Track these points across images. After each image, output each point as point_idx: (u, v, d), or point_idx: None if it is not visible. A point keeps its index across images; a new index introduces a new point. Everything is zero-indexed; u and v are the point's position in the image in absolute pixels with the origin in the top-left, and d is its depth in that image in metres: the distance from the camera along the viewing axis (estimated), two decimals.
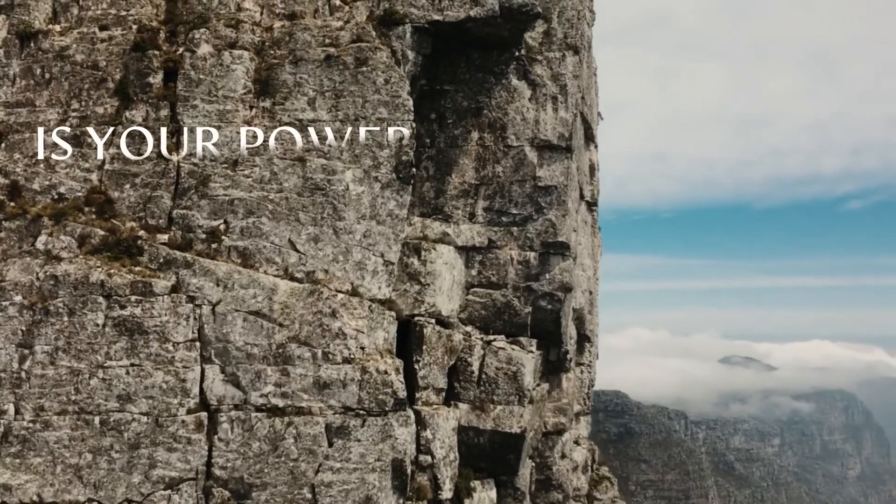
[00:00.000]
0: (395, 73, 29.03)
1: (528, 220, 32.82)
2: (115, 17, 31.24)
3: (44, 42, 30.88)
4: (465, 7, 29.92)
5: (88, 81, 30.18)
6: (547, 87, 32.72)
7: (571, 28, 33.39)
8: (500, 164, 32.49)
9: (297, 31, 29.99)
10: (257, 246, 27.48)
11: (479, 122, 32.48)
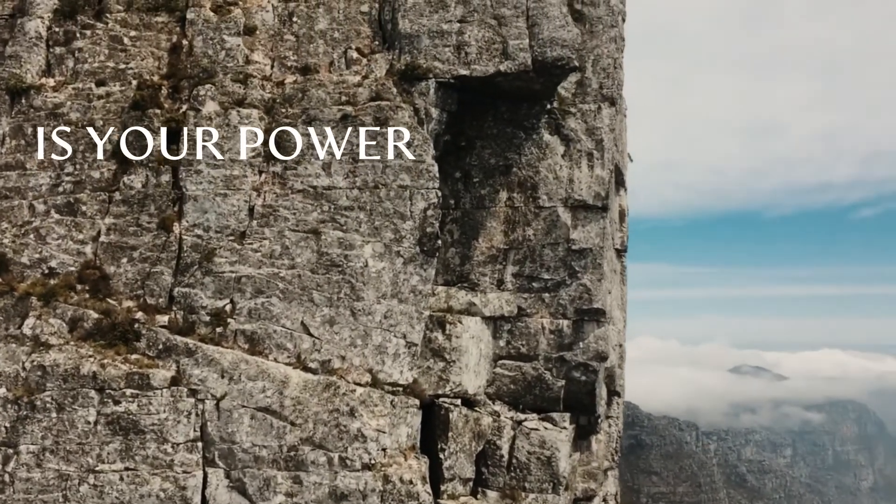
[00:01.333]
0: (418, 134, 26.10)
1: (561, 286, 29.81)
2: (114, 71, 28.45)
3: (36, 98, 28.11)
4: (493, 61, 26.98)
5: (84, 143, 27.37)
6: (581, 143, 29.74)
7: (607, 78, 30.41)
8: (530, 226, 29.50)
9: (310, 88, 27.12)
10: (267, 330, 24.55)
11: (507, 181, 29.51)
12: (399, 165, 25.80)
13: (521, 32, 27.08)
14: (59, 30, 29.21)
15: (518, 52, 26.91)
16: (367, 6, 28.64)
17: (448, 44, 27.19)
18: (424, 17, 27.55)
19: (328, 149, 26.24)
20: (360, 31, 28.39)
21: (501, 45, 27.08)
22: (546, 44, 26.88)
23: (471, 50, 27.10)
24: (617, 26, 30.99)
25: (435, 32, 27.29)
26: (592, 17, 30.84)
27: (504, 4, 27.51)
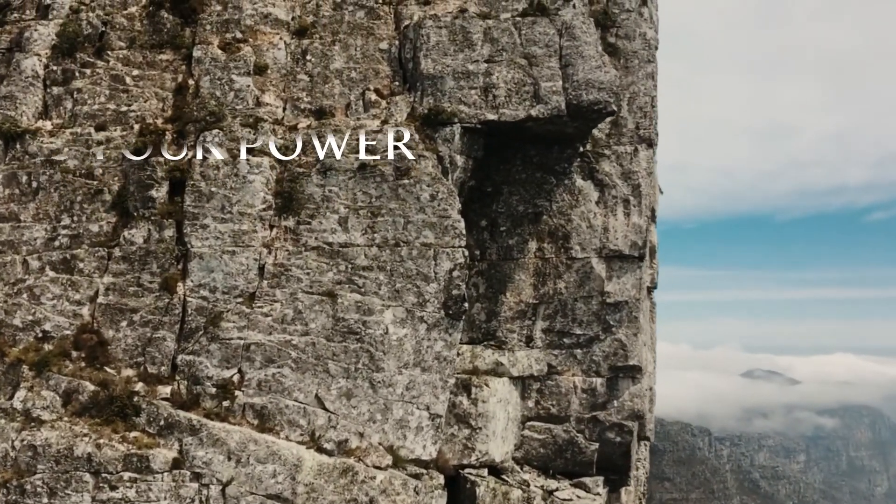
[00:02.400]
0: (442, 186, 23.77)
1: (594, 342, 27.47)
2: (115, 114, 26.25)
3: (31, 144, 25.94)
4: (524, 105, 24.63)
5: (82, 193, 25.18)
6: (617, 189, 27.36)
7: (644, 117, 28.03)
8: (562, 278, 27.15)
9: (326, 133, 24.84)
10: (278, 404, 22.27)
11: (537, 230, 27.16)
12: (422, 221, 23.47)
13: (554, 73, 24.72)
14: (57, 68, 27.05)
15: (551, 96, 24.54)
16: (386, 43, 26.36)
17: (474, 86, 24.86)
18: (448, 56, 25.23)
19: (345, 202, 23.94)
20: (379, 70, 26.11)
21: (532, 87, 24.73)
22: (581, 86, 24.51)
23: (499, 92, 24.76)
24: (654, 61, 28.62)
25: (460, 73, 24.96)
26: (627, 51, 28.51)
27: (535, 43, 25.16)
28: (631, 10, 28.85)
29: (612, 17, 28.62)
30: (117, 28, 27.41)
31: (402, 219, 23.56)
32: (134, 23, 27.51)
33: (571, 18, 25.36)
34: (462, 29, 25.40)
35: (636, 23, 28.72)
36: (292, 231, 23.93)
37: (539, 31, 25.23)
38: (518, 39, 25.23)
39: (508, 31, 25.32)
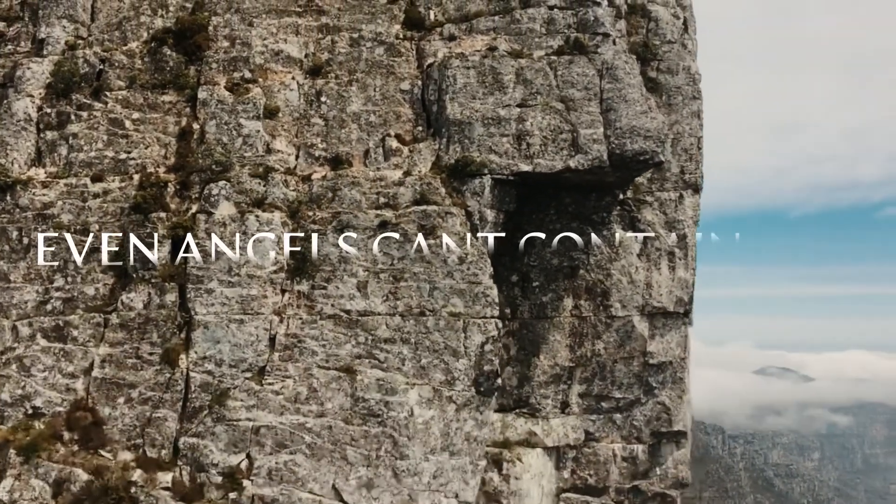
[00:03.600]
0: (472, 248, 21.23)
1: (635, 405, 24.90)
2: (113, 162, 23.83)
3: (22, 196, 23.56)
4: (561, 155, 22.03)
5: (77, 251, 22.80)
6: (661, 240, 24.72)
7: (689, 161, 25.38)
8: (600, 338, 24.56)
9: (342, 186, 22.33)
10: (290, 497, 19.81)
11: (573, 286, 24.57)
12: (449, 287, 20.94)
13: (595, 119, 22.10)
14: (52, 111, 24.67)
15: (591, 144, 21.92)
16: (407, 83, 23.79)
17: (506, 133, 22.28)
18: (477, 100, 22.65)
19: (364, 263, 21.44)
20: (400, 113, 23.56)
21: (570, 134, 22.12)
22: (625, 134, 21.87)
23: (533, 140, 22.16)
24: (699, 98, 25.94)
25: (490, 119, 22.38)
26: (670, 86, 25.85)
27: (572, 84, 22.54)
28: (673, 41, 26.19)
29: (653, 49, 25.97)
30: (116, 66, 24.99)
31: (428, 284, 21.03)
32: (134, 60, 25.08)
33: (613, 57, 22.73)
34: (492, 69, 22.80)
35: (679, 55, 26.06)
36: (306, 296, 21.46)
37: (577, 72, 22.61)
38: (554, 81, 22.62)
39: (543, 72, 22.72)
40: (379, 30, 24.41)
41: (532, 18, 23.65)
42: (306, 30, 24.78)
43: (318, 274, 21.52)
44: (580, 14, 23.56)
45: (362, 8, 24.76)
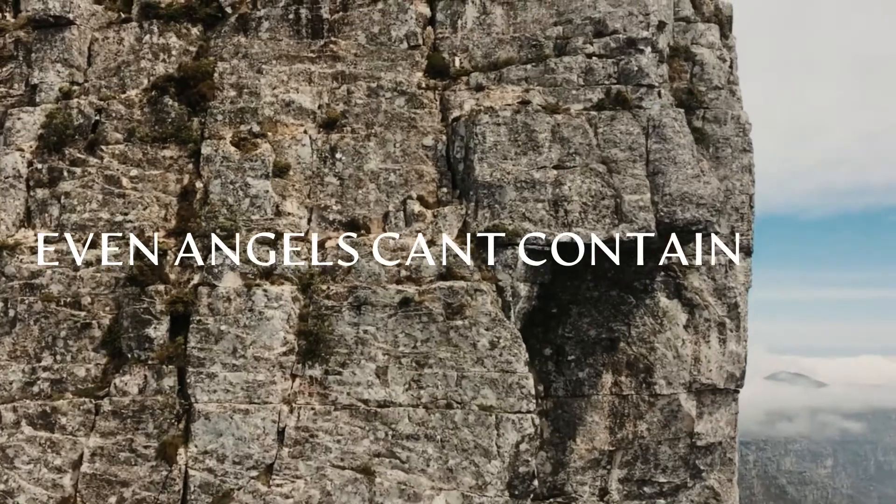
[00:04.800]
0: (504, 331, 18.77)
1: (681, 490, 22.34)
2: (108, 224, 21.50)
3: (9, 263, 21.25)
4: (603, 223, 19.55)
5: (66, 326, 20.47)
6: (710, 309, 22.16)
7: (741, 220, 22.81)
8: (643, 419, 22.02)
9: (360, 257, 19.93)
10: None
11: (612, 361, 22.04)
12: (480, 376, 18.48)
13: (640, 184, 19.61)
14: (43, 166, 22.38)
15: (637, 212, 19.43)
16: (431, 139, 21.38)
17: (541, 198, 19.82)
18: (509, 160, 20.20)
19: (383, 346, 19.02)
20: (423, 172, 21.14)
21: (613, 200, 19.64)
22: (675, 200, 19.38)
23: (572, 207, 19.69)
24: (750, 150, 23.39)
25: (524, 182, 19.93)
26: (717, 137, 23.30)
27: (615, 144, 20.04)
28: (720, 86, 23.63)
29: (699, 96, 23.41)
30: (113, 117, 22.68)
31: (455, 372, 18.57)
32: (133, 110, 22.75)
33: (659, 113, 20.23)
34: (525, 126, 20.34)
35: (727, 103, 23.51)
36: (319, 383, 19.05)
37: (620, 130, 20.13)
38: (594, 140, 20.14)
39: (582, 130, 20.24)
40: (399, 78, 22.01)
41: (568, 68, 21.18)
42: (320, 78, 22.40)
43: (333, 357, 19.11)
44: (621, 63, 21.07)
45: (381, 54, 22.37)
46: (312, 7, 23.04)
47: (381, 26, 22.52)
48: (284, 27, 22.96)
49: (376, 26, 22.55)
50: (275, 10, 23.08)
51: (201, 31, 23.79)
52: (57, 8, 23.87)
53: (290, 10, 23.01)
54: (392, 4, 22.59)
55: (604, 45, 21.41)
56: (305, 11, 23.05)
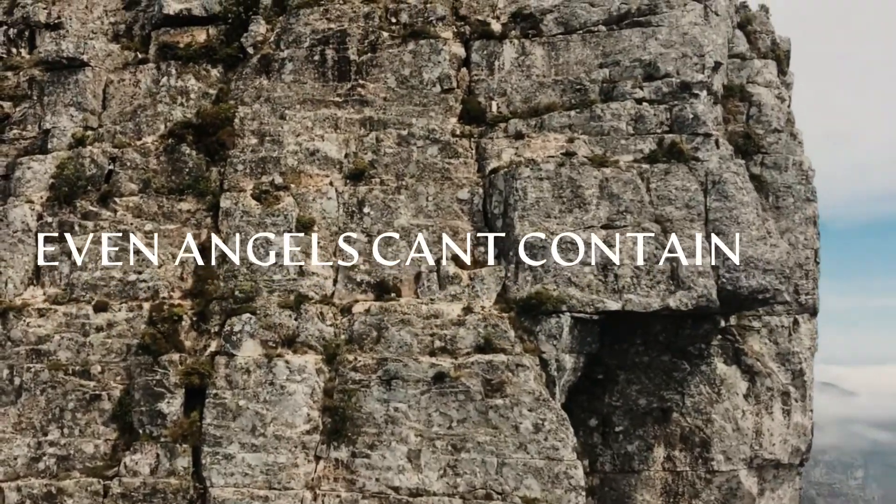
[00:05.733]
0: (549, 412, 16.83)
1: None
2: (120, 285, 19.88)
3: (15, 327, 19.70)
4: (658, 290, 17.58)
5: (75, 397, 18.86)
6: (772, 377, 20.05)
7: (805, 277, 20.70)
8: (699, 497, 19.96)
9: (390, 323, 18.08)
10: None
11: (665, 433, 20.02)
12: (523, 464, 16.54)
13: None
14: (53, 220, 20.86)
15: (695, 278, 17.41)
16: (466, 191, 19.51)
17: (589, 261, 17.86)
18: (553, 218, 18.27)
19: (416, 425, 17.14)
20: (458, 228, 19.27)
21: (669, 264, 17.64)
22: (739, 266, 17.34)
23: (623, 271, 17.71)
24: (814, 199, 21.30)
25: (569, 243, 17.98)
26: (777, 185, 21.25)
27: (670, 200, 18.05)
28: (780, 129, 21.59)
29: (756, 139, 21.39)
30: (128, 166, 21.11)
31: (496, 458, 16.66)
32: (149, 159, 21.15)
33: (719, 165, 18.20)
34: (570, 181, 18.41)
35: (788, 147, 21.46)
36: (345, 466, 17.22)
37: (675, 185, 18.13)
38: (646, 196, 18.16)
39: (633, 185, 18.26)
40: (432, 125, 20.18)
41: (616, 115, 19.22)
42: (347, 124, 20.64)
43: (360, 438, 17.27)
44: (675, 110, 19.09)
45: (412, 98, 20.55)
46: (339, 48, 21.31)
47: (413, 68, 20.72)
48: (309, 69, 21.24)
49: (407, 68, 20.75)
50: (299, 51, 21.37)
51: (221, 73, 22.18)
52: (70, 49, 22.42)
53: (316, 50, 21.30)
54: (424, 45, 20.79)
55: (655, 89, 19.44)
56: (331, 52, 21.32)
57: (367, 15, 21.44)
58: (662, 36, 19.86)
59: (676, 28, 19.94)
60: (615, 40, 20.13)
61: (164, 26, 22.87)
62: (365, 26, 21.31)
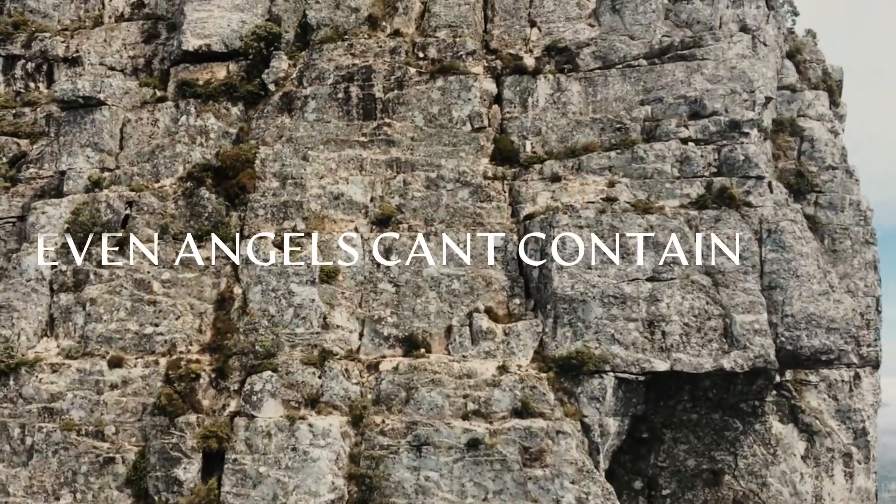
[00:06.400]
0: (594, 485, 15.43)
1: None
2: (136, 338, 18.83)
3: (27, 383, 18.70)
4: (710, 349, 16.17)
5: (88, 460, 17.77)
6: (833, 437, 18.48)
7: (866, 328, 18.99)
8: None
9: (419, 383, 16.81)
10: None
11: (716, 498, 18.49)
12: None
13: (754, 301, 16.15)
14: (68, 268, 19.88)
15: (751, 336, 15.97)
16: (500, 238, 18.22)
17: (634, 317, 16.49)
18: (594, 270, 16.92)
19: (448, 496, 15.82)
20: (491, 279, 17.97)
21: (722, 320, 16.21)
22: (799, 324, 15.93)
23: (671, 328, 16.32)
24: (874, 242, 19.74)
25: (612, 298, 16.62)
26: (833, 227, 19.71)
27: (721, 251, 16.62)
28: (835, 166, 20.09)
29: (809, 178, 19.91)
30: (145, 210, 20.09)
31: None
32: (166, 203, 20.13)
33: (774, 212, 16.77)
34: (612, 229, 17.06)
35: (844, 186, 19.95)
36: None
37: (727, 234, 16.73)
38: (695, 245, 16.76)
39: (680, 233, 16.87)
40: (462, 167, 18.96)
41: (660, 156, 17.88)
42: (372, 165, 19.49)
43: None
44: (724, 150, 17.70)
45: (441, 138, 19.36)
46: (364, 85, 20.19)
47: (441, 106, 19.54)
48: (333, 107, 20.14)
49: (435, 106, 19.57)
50: (322, 88, 20.28)
51: (242, 111, 21.15)
52: (87, 88, 21.50)
53: (340, 87, 20.20)
54: (453, 81, 19.61)
55: (701, 128, 18.08)
56: (356, 90, 20.21)
57: (394, 50, 20.33)
58: (708, 70, 18.53)
59: (723, 61, 18.60)
60: (657, 75, 18.83)
61: (183, 62, 21.94)
62: (391, 62, 20.19)
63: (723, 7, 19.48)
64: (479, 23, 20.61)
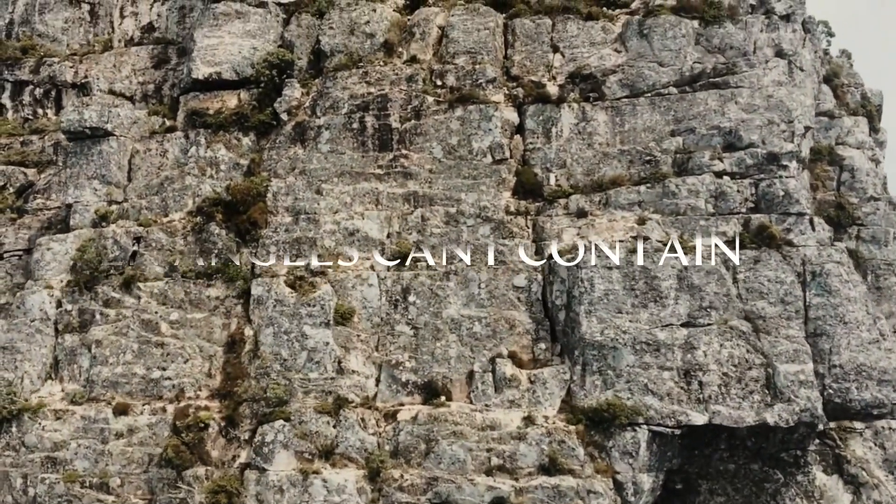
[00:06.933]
0: None
1: None
2: (143, 383, 17.96)
3: (31, 430, 17.85)
4: (751, 401, 15.07)
5: None
6: (880, 490, 17.24)
7: None
8: None
9: (439, 435, 15.78)
10: None
11: None
12: None
13: (799, 349, 15.00)
14: (73, 307, 19.04)
15: (797, 389, 14.84)
16: (523, 278, 17.19)
17: (669, 365, 15.40)
18: (625, 314, 15.86)
19: None
20: (515, 321, 16.94)
21: (764, 370, 15.08)
22: (848, 375, 14.80)
23: (709, 378, 15.22)
24: None
25: (645, 344, 15.55)
26: (877, 262, 18.67)
27: (762, 294, 15.51)
28: (877, 196, 18.97)
29: (850, 210, 18.79)
30: (153, 247, 19.24)
31: None
32: (175, 239, 19.27)
33: (818, 253, 15.64)
34: (643, 270, 16.00)
35: (887, 218, 18.82)
36: None
37: (767, 276, 15.60)
38: (733, 289, 15.66)
39: (717, 275, 15.78)
40: (483, 201, 17.96)
41: (693, 191, 16.79)
42: (389, 199, 18.53)
43: None
44: (762, 185, 16.61)
45: (460, 170, 18.37)
46: (380, 114, 19.25)
47: (461, 136, 18.55)
48: (347, 138, 19.21)
49: (454, 137, 18.59)
50: (336, 118, 19.36)
51: (253, 141, 20.25)
52: (94, 118, 20.69)
53: (354, 117, 19.27)
54: (473, 110, 18.62)
55: (737, 161, 16.99)
56: (371, 119, 19.27)
57: (410, 77, 19.38)
58: (743, 99, 17.44)
59: (759, 89, 17.51)
60: (689, 104, 17.76)
61: (193, 90, 21.05)
62: (408, 90, 19.24)
63: (757, 31, 18.38)
64: (499, 49, 19.63)
